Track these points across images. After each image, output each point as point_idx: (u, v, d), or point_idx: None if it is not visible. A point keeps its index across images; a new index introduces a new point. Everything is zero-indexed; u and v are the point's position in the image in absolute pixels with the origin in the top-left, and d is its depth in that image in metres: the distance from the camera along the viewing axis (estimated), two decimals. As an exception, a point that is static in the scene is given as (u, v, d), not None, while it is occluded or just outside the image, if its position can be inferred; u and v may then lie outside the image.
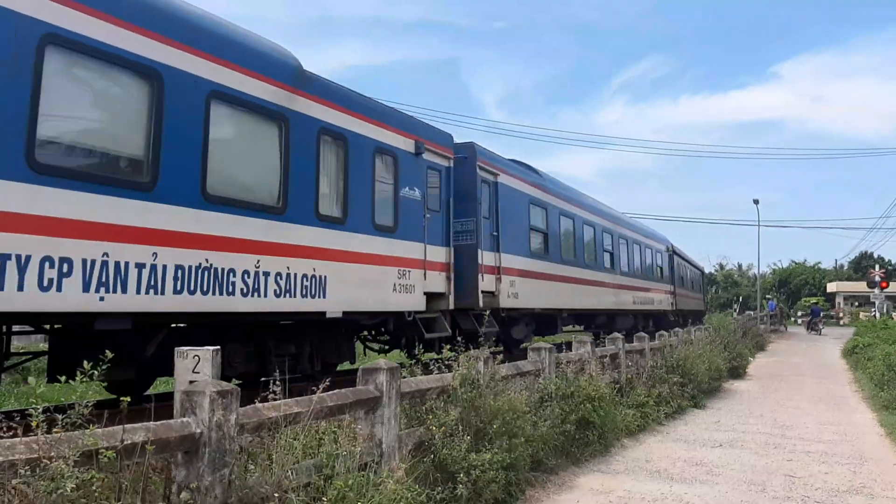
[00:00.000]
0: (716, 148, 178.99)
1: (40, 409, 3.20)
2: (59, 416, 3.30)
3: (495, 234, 12.89)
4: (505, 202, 13.33)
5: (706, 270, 54.82)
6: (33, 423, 3.14)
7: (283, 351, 8.57)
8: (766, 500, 6.39)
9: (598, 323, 19.82)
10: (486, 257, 12.49)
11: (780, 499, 6.43)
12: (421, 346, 7.83)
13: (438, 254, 11.17)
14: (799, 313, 52.78)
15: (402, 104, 12.03)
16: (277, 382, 4.54)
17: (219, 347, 4.29)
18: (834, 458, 8.18)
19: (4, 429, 3.21)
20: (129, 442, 3.27)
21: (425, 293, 10.71)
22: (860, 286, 55.64)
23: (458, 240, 11.97)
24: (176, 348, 4.32)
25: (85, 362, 3.57)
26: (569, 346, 9.95)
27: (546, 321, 16.11)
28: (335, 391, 4.81)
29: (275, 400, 4.30)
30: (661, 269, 25.95)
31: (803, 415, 11.43)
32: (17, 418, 3.28)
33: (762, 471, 7.47)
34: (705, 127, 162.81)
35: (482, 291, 12.15)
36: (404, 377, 5.55)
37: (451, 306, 11.35)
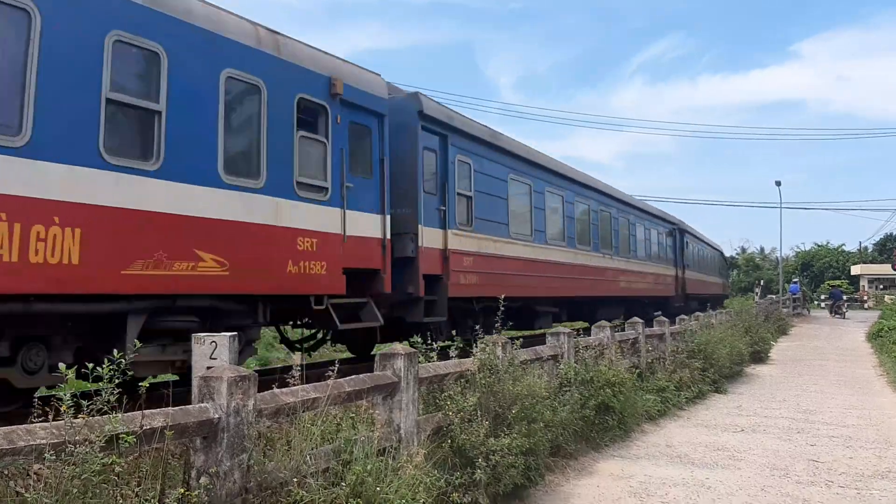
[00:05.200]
0: (736, 129, 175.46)
1: (68, 395, 3.23)
2: (85, 403, 3.31)
3: None
4: None
5: (727, 254, 53.29)
6: (63, 408, 3.16)
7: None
8: (789, 485, 6.32)
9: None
10: None
11: (804, 484, 6.35)
12: None
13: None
14: (822, 297, 51.97)
15: (415, 88, 11.74)
16: (297, 368, 4.55)
17: (236, 333, 4.31)
18: (858, 442, 8.07)
19: (35, 414, 3.25)
20: (148, 427, 3.28)
21: None
22: (885, 268, 54.73)
23: None
24: (193, 334, 4.34)
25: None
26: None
27: None
28: (353, 377, 4.80)
29: (293, 385, 4.30)
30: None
31: (827, 399, 11.29)
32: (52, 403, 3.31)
33: (785, 456, 7.38)
34: (725, 108, 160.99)
35: None
36: (421, 362, 5.53)
37: None
